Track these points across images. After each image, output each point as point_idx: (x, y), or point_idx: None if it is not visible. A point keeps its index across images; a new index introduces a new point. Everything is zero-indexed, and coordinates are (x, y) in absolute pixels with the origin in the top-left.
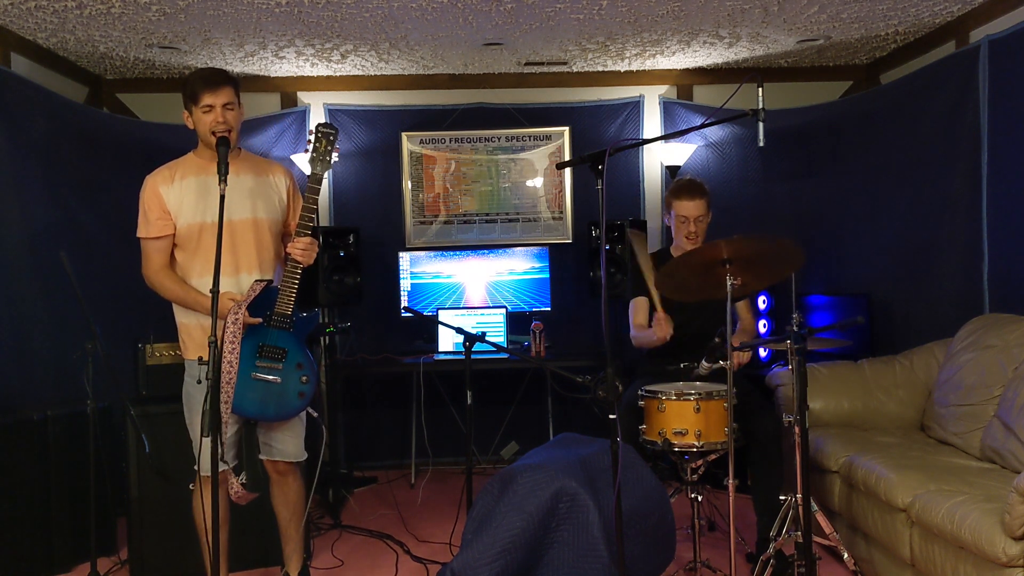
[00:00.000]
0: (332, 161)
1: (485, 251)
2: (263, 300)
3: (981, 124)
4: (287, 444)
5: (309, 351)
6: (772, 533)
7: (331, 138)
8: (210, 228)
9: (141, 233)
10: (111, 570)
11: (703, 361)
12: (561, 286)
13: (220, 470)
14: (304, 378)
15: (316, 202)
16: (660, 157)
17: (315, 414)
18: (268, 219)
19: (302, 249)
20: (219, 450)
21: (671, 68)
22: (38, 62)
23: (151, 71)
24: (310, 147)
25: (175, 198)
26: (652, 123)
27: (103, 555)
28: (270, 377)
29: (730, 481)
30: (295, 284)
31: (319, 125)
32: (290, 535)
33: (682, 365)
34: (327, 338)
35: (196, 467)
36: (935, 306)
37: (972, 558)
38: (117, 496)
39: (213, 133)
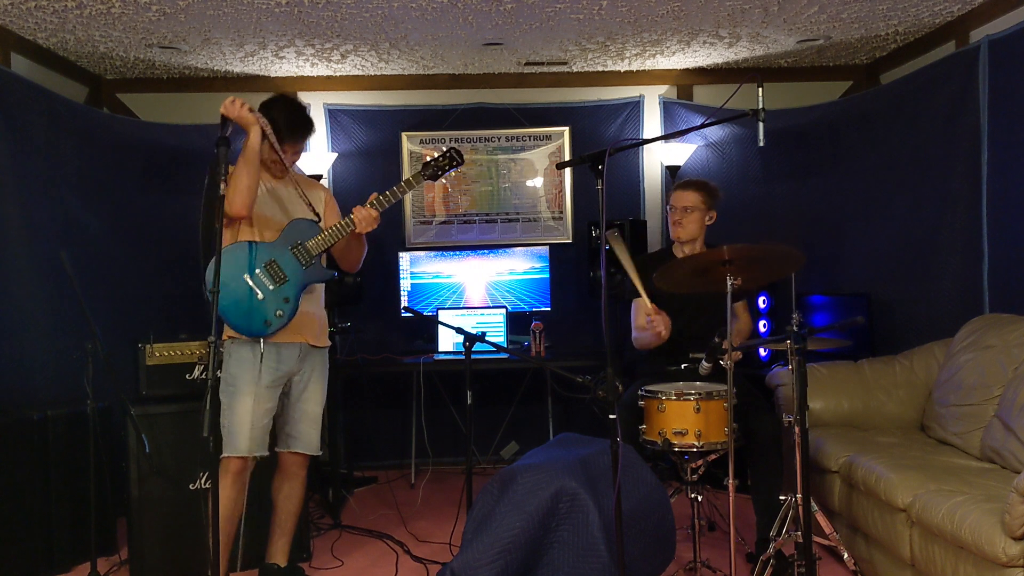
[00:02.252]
0: (437, 177)
1: (485, 251)
2: (297, 232)
3: (981, 124)
4: (311, 437)
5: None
6: (772, 533)
7: (455, 163)
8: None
9: None
10: (111, 570)
11: (703, 361)
12: (561, 286)
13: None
14: (279, 312)
15: (404, 192)
16: (660, 157)
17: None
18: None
19: (364, 216)
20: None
21: (671, 68)
22: (38, 62)
23: (151, 71)
24: (438, 154)
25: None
26: (652, 123)
27: (103, 555)
28: (257, 290)
29: (730, 481)
30: (337, 238)
31: (454, 149)
32: (288, 529)
33: (683, 366)
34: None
35: (222, 455)
36: (935, 306)
37: (972, 558)
38: (117, 496)
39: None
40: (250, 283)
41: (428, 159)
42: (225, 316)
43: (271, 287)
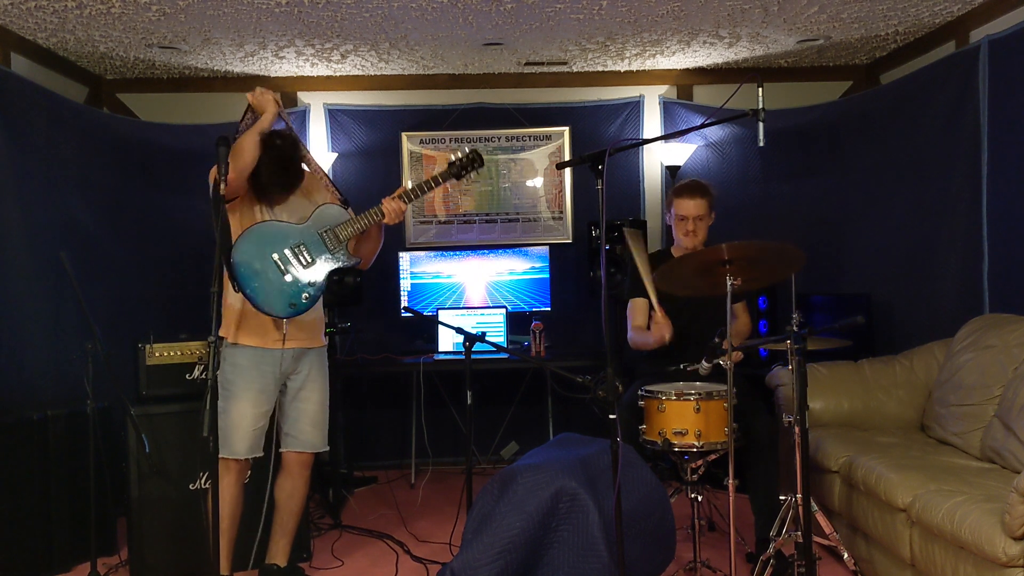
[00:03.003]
0: (461, 177)
1: (485, 251)
2: (326, 217)
3: (981, 124)
4: (311, 435)
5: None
6: (772, 533)
7: (476, 164)
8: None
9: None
10: (111, 570)
11: (703, 361)
12: (561, 286)
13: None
14: (305, 295)
15: (430, 188)
16: (660, 157)
17: None
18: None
19: (394, 208)
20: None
21: (671, 68)
22: (38, 62)
23: (151, 71)
24: (461, 155)
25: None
26: (652, 123)
27: (103, 555)
28: (284, 270)
29: (730, 481)
30: (365, 225)
31: (476, 152)
32: (289, 529)
33: (682, 366)
34: (327, 338)
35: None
36: (935, 306)
37: (972, 558)
38: (117, 496)
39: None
40: (278, 263)
41: (452, 159)
42: (253, 297)
43: (299, 270)
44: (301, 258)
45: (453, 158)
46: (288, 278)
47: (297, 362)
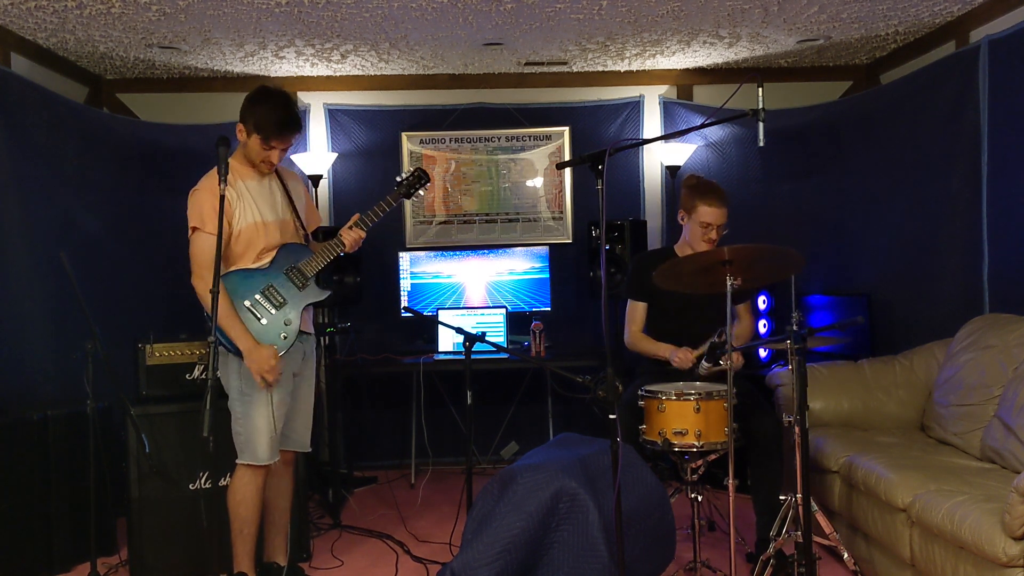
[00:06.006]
0: (410, 196)
1: (485, 251)
2: (290, 255)
3: (981, 124)
4: (305, 435)
5: (300, 319)
6: (772, 533)
7: (423, 181)
8: (267, 225)
9: (196, 223)
10: (111, 570)
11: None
12: (561, 286)
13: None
14: (283, 335)
15: (384, 212)
16: (660, 157)
17: None
18: (293, 220)
19: (353, 238)
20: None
21: (671, 68)
22: (38, 62)
23: (151, 71)
24: (406, 174)
25: (235, 201)
26: (652, 123)
27: (103, 555)
28: (259, 316)
29: (730, 481)
30: (329, 258)
31: (420, 169)
32: (282, 525)
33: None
34: (327, 338)
35: (238, 460)
36: (935, 306)
37: (972, 558)
38: (117, 496)
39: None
40: (251, 310)
41: (398, 179)
42: (232, 346)
43: (272, 311)
44: (273, 299)
45: (399, 179)
46: (264, 321)
47: (304, 364)
